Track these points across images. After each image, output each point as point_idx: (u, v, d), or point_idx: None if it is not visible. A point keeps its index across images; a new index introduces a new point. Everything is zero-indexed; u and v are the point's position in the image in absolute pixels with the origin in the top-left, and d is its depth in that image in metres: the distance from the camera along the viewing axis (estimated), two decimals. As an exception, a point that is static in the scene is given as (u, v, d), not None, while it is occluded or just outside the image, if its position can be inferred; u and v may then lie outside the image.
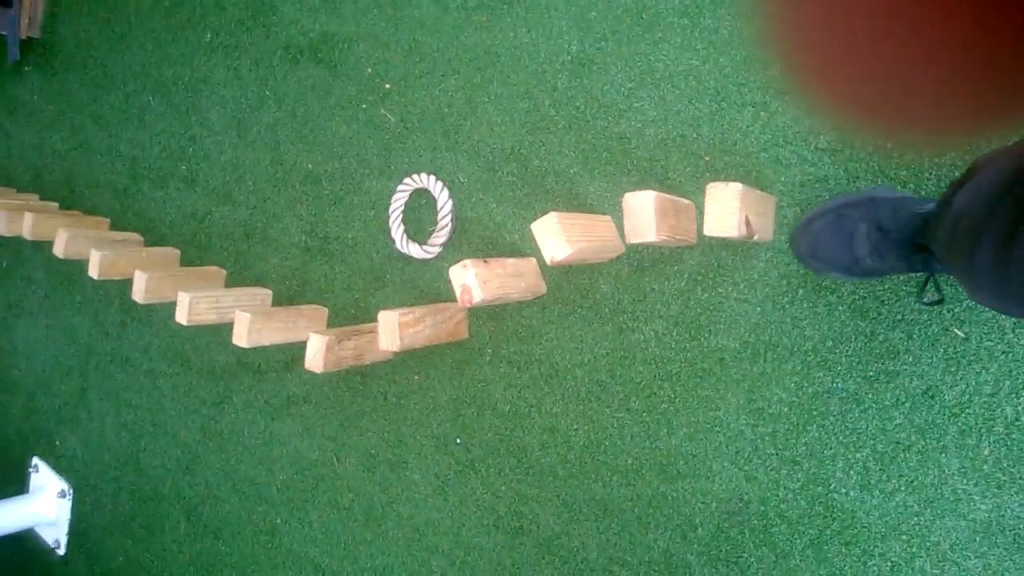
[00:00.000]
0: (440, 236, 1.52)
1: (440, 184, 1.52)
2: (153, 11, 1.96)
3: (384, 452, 1.66)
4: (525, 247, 1.42)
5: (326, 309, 1.73)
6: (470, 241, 1.50)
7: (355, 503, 1.73)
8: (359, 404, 1.70)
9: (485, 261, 1.26)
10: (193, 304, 1.64)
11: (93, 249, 1.82)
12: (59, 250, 1.89)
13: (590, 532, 1.32)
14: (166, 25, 1.94)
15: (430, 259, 1.55)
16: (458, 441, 1.55)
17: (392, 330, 1.35)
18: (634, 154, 1.29)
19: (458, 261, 1.45)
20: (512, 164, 1.43)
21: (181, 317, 1.64)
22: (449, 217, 1.51)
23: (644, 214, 1.08)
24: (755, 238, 1.09)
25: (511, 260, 1.33)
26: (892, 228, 0.94)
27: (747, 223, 1.06)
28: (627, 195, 1.09)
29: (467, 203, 1.50)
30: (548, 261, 1.15)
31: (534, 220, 1.16)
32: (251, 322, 1.55)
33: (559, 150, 1.37)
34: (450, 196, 1.51)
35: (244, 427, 1.92)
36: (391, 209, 1.58)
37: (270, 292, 1.82)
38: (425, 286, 1.57)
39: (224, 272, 1.90)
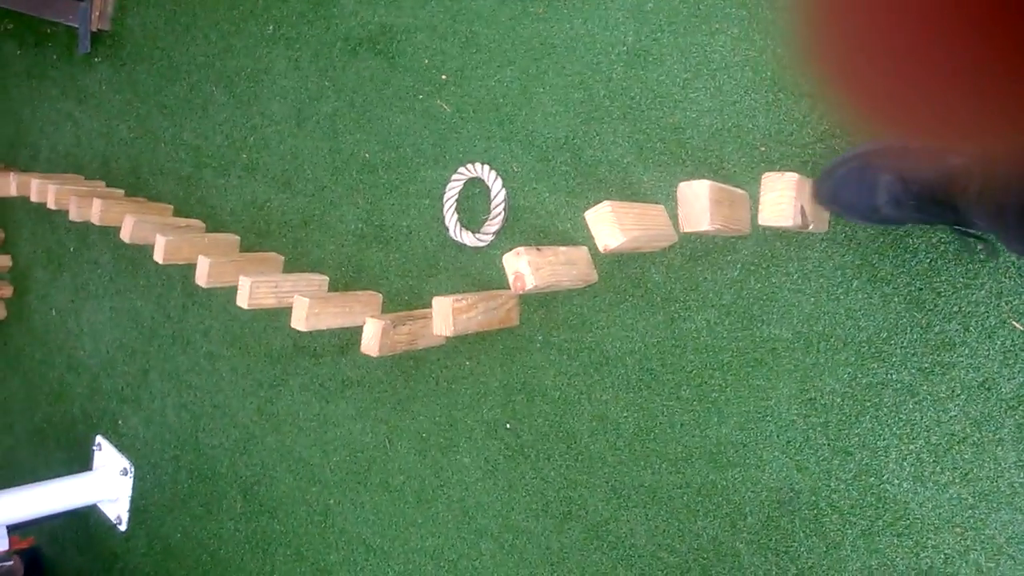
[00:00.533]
0: (493, 224, 1.55)
1: (494, 173, 1.54)
2: (217, 4, 2.02)
3: (435, 436, 1.70)
4: (577, 236, 1.44)
5: (381, 295, 1.77)
6: (522, 230, 1.52)
7: (406, 485, 1.77)
8: (411, 388, 1.73)
9: (538, 249, 1.29)
10: (253, 288, 1.70)
11: (158, 235, 1.89)
12: (126, 235, 1.96)
13: (638, 518, 1.34)
14: (229, 17, 2.00)
15: (483, 247, 1.58)
16: (508, 426, 1.57)
17: (446, 316, 1.38)
18: (689, 144, 1.30)
19: (511, 249, 1.47)
20: (566, 154, 1.44)
21: (242, 301, 1.70)
22: (502, 206, 1.53)
23: (699, 203, 1.08)
24: (810, 228, 1.09)
25: (563, 248, 1.35)
26: (915, 180, 0.95)
27: (802, 213, 1.06)
28: (682, 184, 1.10)
29: (520, 192, 1.52)
30: (601, 249, 1.17)
31: (587, 209, 1.17)
32: (309, 306, 1.60)
33: (613, 140, 1.38)
34: (503, 185, 1.53)
35: (299, 409, 1.97)
36: (445, 198, 1.61)
37: (326, 278, 1.87)
38: (477, 273, 1.60)
39: (282, 258, 1.96)
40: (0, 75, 2.93)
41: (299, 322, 1.63)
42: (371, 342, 1.55)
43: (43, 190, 2.24)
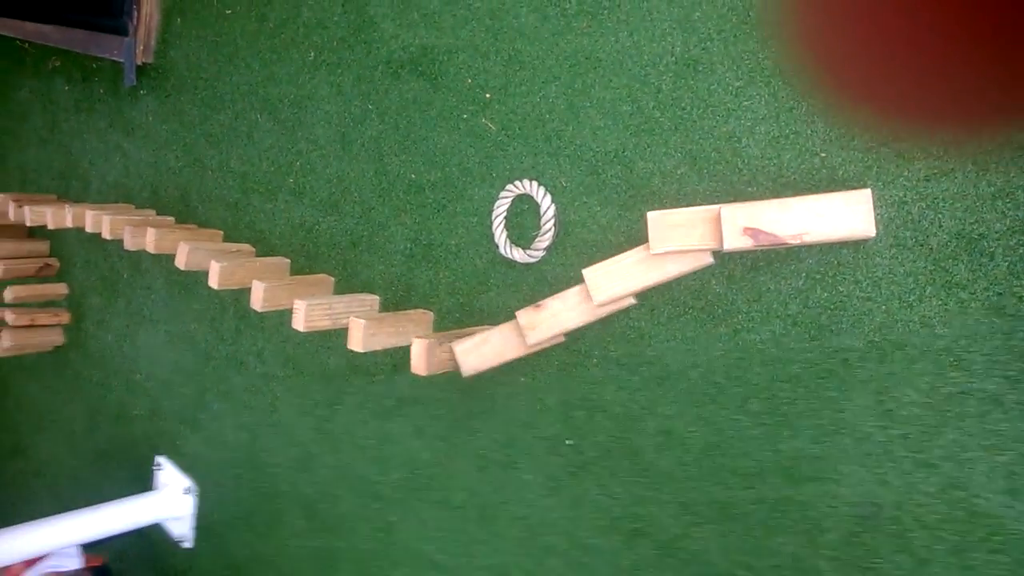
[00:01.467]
0: (543, 240, 1.54)
1: (542, 189, 1.53)
2: (258, 33, 2.04)
3: (495, 453, 1.70)
4: (630, 248, 1.42)
5: (431, 313, 1.77)
6: (574, 244, 1.51)
7: (468, 502, 1.77)
8: (468, 406, 1.73)
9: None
10: (309, 311, 1.71)
11: (212, 261, 1.92)
12: (181, 262, 1.99)
13: (711, 535, 1.32)
14: (271, 46, 2.01)
15: (533, 263, 1.57)
16: (569, 442, 1.56)
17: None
18: (745, 152, 1.28)
19: (561, 263, 1.47)
20: (616, 167, 1.43)
21: (298, 324, 1.71)
22: (552, 221, 1.52)
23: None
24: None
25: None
26: None
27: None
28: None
29: (570, 207, 1.51)
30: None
31: (640, 221, 1.16)
32: (366, 327, 1.61)
33: (665, 151, 1.36)
34: (553, 201, 1.52)
35: (356, 427, 1.99)
36: (494, 215, 1.61)
37: (377, 298, 1.88)
38: (528, 289, 1.59)
39: (332, 280, 1.97)
40: (50, 110, 2.99)
41: (356, 343, 1.64)
42: (419, 361, 1.57)
43: (98, 220, 2.28)
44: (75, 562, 2.73)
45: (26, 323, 3.09)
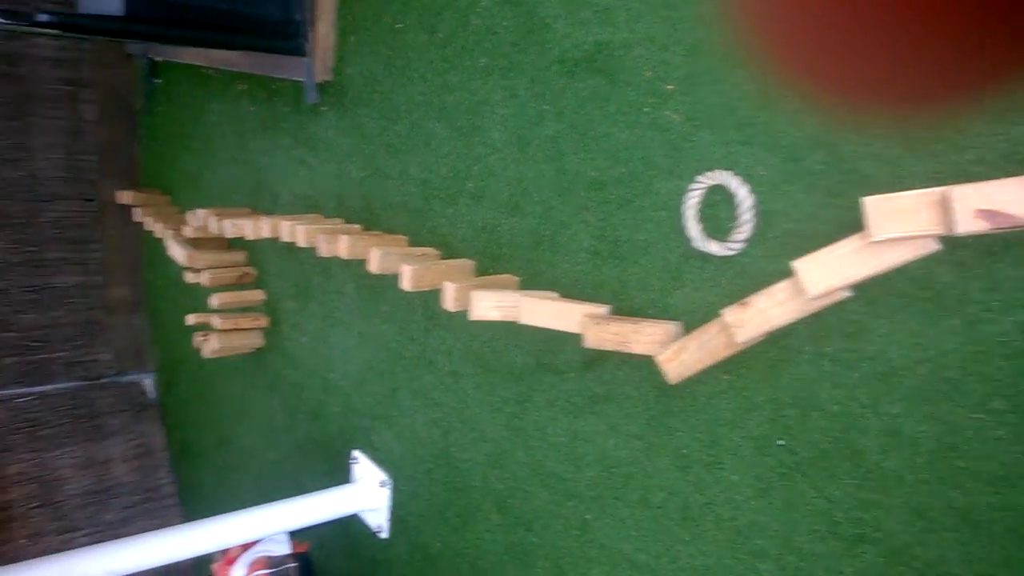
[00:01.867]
0: (742, 231, 1.48)
1: (737, 179, 1.47)
2: (429, 45, 2.09)
3: (697, 452, 1.66)
4: (841, 236, 1.33)
5: (609, 306, 1.75)
6: (775, 235, 1.44)
7: (668, 502, 1.74)
8: (665, 404, 1.70)
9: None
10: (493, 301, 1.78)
11: (403, 264, 1.99)
12: (374, 267, 2.09)
13: (949, 543, 1.23)
14: (443, 55, 2.05)
15: (731, 255, 1.51)
16: (780, 443, 1.50)
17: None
18: (969, 129, 1.16)
19: (763, 255, 1.40)
20: (819, 151, 1.34)
21: (486, 313, 1.77)
22: (751, 212, 1.46)
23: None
24: None
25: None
26: None
27: None
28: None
29: (769, 196, 1.44)
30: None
31: (849, 208, 1.08)
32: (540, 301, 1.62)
33: (875, 132, 1.26)
34: (750, 190, 1.46)
35: (547, 425, 2.01)
36: (685, 208, 1.56)
37: (557, 294, 1.88)
38: (728, 283, 1.53)
39: (517, 279, 1.99)
40: (238, 131, 3.22)
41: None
42: (585, 332, 1.65)
43: (293, 231, 2.43)
44: (284, 548, 2.94)
45: (230, 327, 3.37)
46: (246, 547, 2.87)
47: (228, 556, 2.87)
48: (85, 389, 4.70)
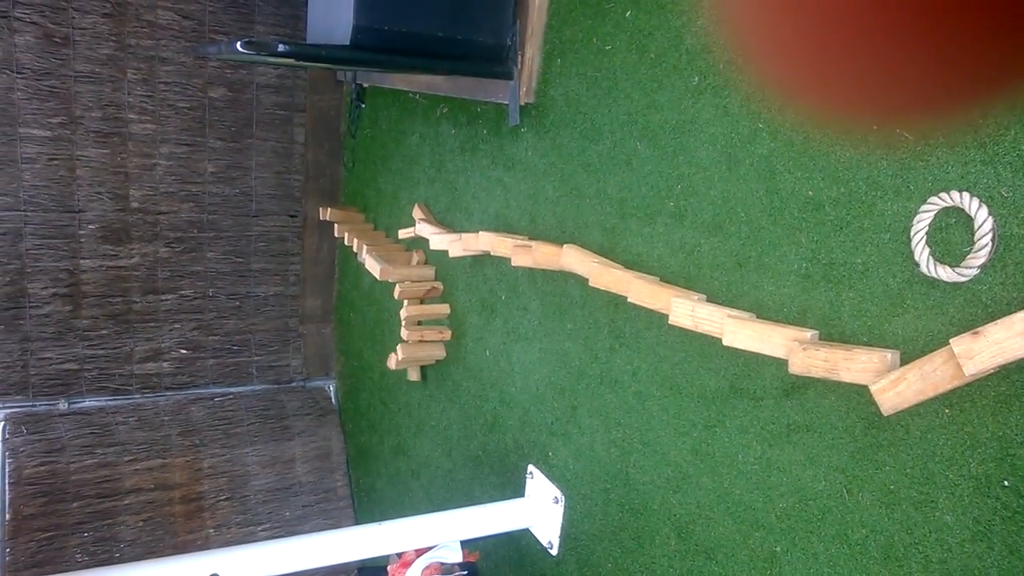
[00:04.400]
0: (978, 257, 1.39)
1: (976, 201, 1.39)
2: (638, 65, 2.13)
3: (907, 489, 1.56)
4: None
5: (815, 332, 1.69)
6: (1016, 261, 1.35)
7: (870, 540, 1.65)
8: (874, 436, 1.62)
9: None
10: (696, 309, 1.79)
11: (593, 262, 2.04)
12: (597, 284, 2.14)
13: None
14: (651, 75, 2.09)
15: (963, 282, 1.43)
16: (1006, 484, 1.39)
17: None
18: None
19: (1000, 283, 1.32)
20: (1078, 171, 1.25)
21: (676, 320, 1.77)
22: (989, 236, 1.37)
23: None
24: None
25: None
26: None
27: None
28: None
29: (1012, 220, 1.35)
30: None
31: None
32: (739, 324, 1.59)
33: None
34: (990, 213, 1.37)
35: (738, 452, 1.96)
36: (913, 231, 1.49)
37: (753, 314, 1.85)
38: (956, 312, 1.45)
39: (704, 297, 1.98)
40: (437, 152, 3.42)
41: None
42: (790, 358, 1.63)
43: (501, 243, 2.56)
44: (456, 555, 3.02)
45: (416, 339, 3.55)
46: (420, 552, 2.99)
47: (403, 559, 3.00)
48: (275, 392, 5.07)
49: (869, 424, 1.62)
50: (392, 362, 3.65)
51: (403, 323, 3.53)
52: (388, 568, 3.07)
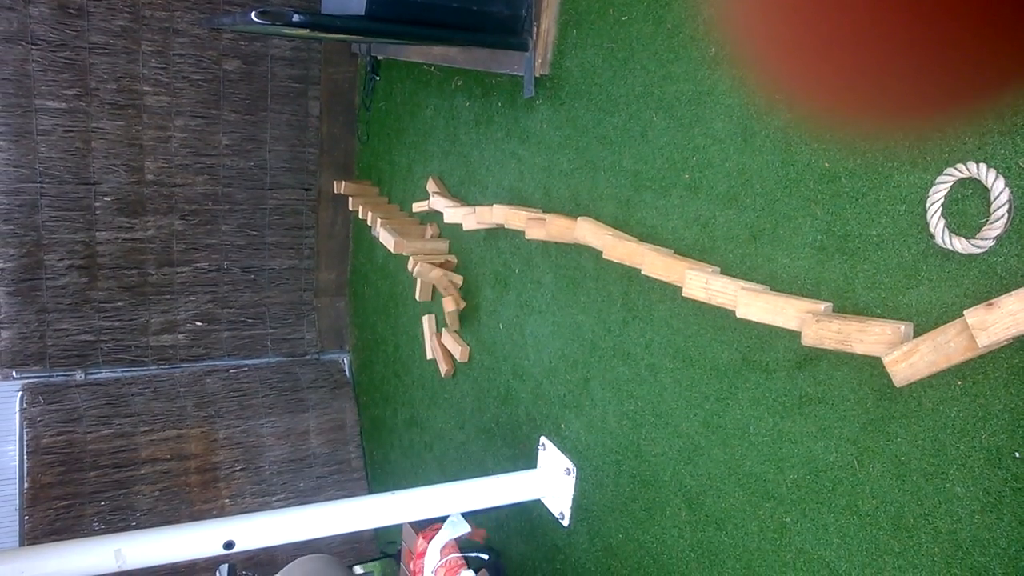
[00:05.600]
0: (993, 229, 1.39)
1: (993, 172, 1.38)
2: (655, 35, 2.12)
3: (918, 460, 1.57)
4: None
5: (829, 304, 1.69)
6: (1033, 233, 1.34)
7: (880, 510, 1.66)
8: (885, 408, 1.63)
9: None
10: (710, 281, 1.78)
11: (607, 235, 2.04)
12: (613, 255, 2.15)
13: None
14: (668, 46, 2.08)
15: (978, 253, 1.43)
16: (1017, 455, 1.39)
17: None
18: None
19: (1015, 255, 1.31)
20: (1098, 142, 1.24)
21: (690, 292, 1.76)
22: (1006, 207, 1.37)
23: None
24: None
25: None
26: None
27: None
28: None
29: (1030, 190, 1.34)
30: None
31: None
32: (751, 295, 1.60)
33: None
34: (1006, 184, 1.37)
35: (750, 424, 1.97)
36: (929, 202, 1.49)
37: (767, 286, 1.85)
38: (971, 283, 1.44)
39: (719, 269, 1.98)
40: (451, 124, 3.42)
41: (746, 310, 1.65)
42: (804, 330, 1.65)
43: (515, 216, 2.56)
44: (464, 527, 3.02)
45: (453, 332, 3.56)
46: (428, 537, 2.99)
47: (417, 551, 3.02)
48: (289, 364, 5.12)
49: (881, 396, 1.63)
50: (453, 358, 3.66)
51: (447, 320, 3.51)
52: (406, 567, 3.10)
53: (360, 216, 4.14)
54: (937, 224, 1.47)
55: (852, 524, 1.72)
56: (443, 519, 3.01)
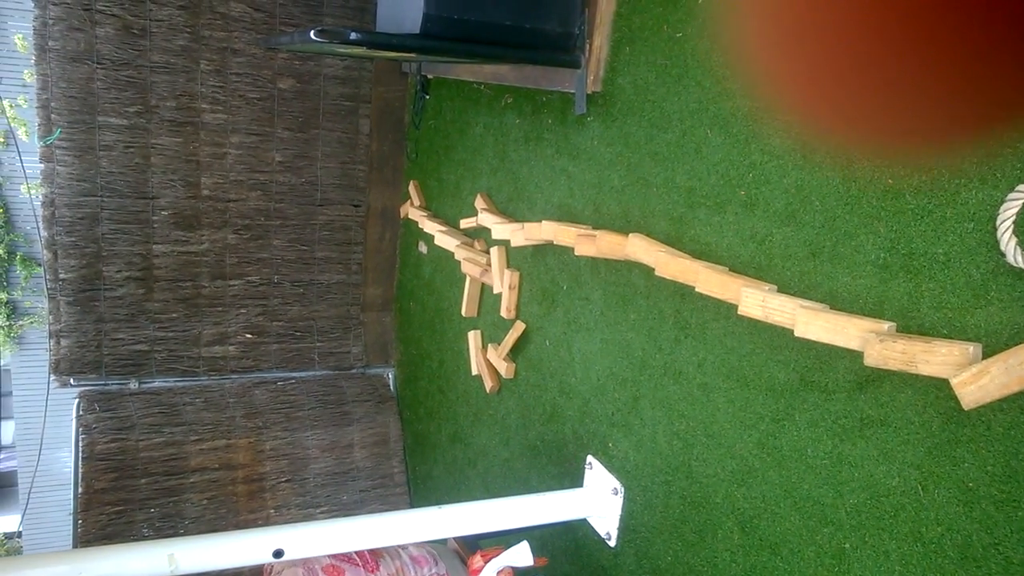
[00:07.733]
0: (1070, 248, 1.34)
1: (1070, 189, 1.34)
2: (710, 52, 2.11)
3: (987, 487, 1.51)
4: None
5: (892, 323, 1.65)
6: (1113, 252, 1.29)
7: (945, 539, 1.60)
8: (952, 432, 1.57)
9: None
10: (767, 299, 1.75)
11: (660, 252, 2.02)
12: (662, 273, 2.13)
13: None
14: (725, 61, 2.06)
15: (1053, 274, 1.38)
16: (1096, 484, 1.33)
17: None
18: None
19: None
20: None
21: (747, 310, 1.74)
22: (1084, 225, 1.32)
23: None
24: None
25: None
26: None
27: None
28: None
29: (1109, 208, 1.29)
30: None
31: None
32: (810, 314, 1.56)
33: None
34: (1085, 201, 1.32)
35: (807, 446, 1.92)
36: (999, 219, 1.44)
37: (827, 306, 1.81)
38: (1046, 304, 1.40)
39: (776, 289, 1.94)
40: (501, 142, 3.43)
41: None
42: (866, 350, 1.61)
43: (564, 232, 2.56)
44: (527, 558, 2.92)
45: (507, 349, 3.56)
46: (487, 557, 2.96)
47: (472, 568, 2.99)
48: (335, 378, 5.16)
49: (947, 419, 1.58)
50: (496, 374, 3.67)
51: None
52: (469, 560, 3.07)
53: (419, 226, 4.21)
54: (1008, 242, 1.43)
55: (915, 552, 1.67)
56: (490, 535, 2.98)
